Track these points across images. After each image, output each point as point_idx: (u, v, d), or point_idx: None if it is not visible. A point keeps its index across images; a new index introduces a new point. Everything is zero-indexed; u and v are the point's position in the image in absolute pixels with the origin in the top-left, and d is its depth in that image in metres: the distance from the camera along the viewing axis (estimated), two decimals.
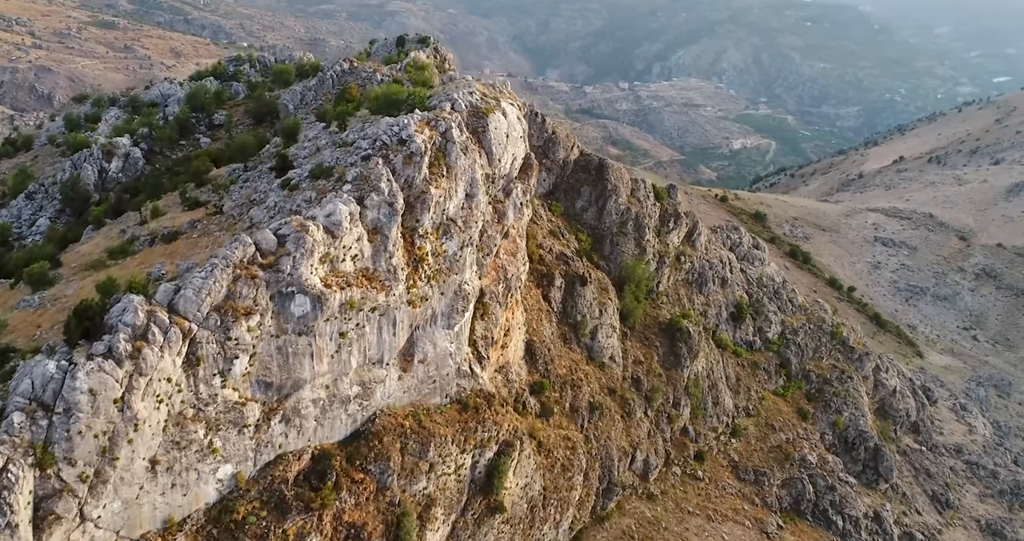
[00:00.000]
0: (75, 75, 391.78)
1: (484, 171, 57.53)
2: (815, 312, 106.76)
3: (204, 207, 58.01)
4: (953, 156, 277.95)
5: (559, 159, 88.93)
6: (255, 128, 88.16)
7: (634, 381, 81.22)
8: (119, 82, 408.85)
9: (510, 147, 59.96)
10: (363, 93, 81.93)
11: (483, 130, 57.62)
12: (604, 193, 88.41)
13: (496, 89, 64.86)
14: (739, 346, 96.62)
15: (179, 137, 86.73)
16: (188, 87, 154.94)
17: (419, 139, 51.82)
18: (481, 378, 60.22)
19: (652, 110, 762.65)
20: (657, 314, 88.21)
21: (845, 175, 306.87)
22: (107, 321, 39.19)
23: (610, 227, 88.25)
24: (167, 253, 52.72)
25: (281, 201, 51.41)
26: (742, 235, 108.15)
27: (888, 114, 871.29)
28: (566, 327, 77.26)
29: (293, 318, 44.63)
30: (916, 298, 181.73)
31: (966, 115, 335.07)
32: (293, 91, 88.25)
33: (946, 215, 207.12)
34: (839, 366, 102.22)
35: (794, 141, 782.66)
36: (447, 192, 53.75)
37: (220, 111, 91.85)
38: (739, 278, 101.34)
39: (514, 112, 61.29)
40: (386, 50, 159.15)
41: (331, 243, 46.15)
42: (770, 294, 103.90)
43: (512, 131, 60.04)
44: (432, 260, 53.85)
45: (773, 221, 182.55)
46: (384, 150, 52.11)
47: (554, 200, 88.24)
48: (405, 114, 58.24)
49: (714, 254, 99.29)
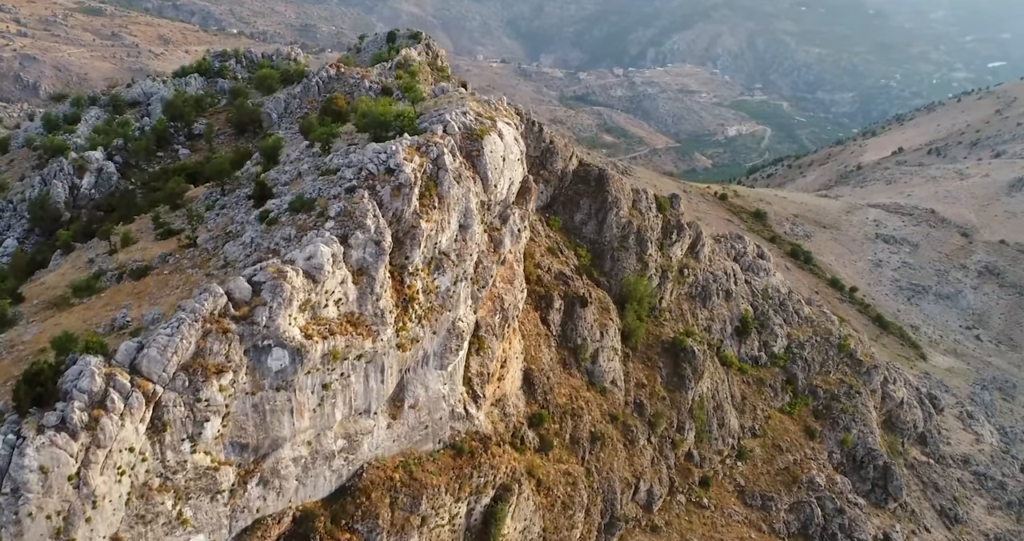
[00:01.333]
0: (61, 64, 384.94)
1: (479, 198, 53.39)
2: (822, 323, 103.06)
3: (177, 237, 53.76)
4: (953, 148, 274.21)
5: (557, 170, 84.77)
6: (237, 138, 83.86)
7: (637, 406, 77.48)
8: (106, 71, 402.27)
9: (507, 171, 55.80)
10: (350, 103, 77.67)
11: (478, 154, 53.44)
12: (604, 206, 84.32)
13: (491, 106, 60.58)
14: (744, 362, 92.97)
15: (156, 148, 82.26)
16: (172, 85, 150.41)
17: (408, 168, 47.63)
18: (477, 419, 56.32)
19: (647, 96, 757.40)
20: (660, 332, 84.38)
21: (843, 166, 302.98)
22: (61, 385, 35.25)
23: (611, 241, 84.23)
24: (135, 292, 48.51)
25: (258, 236, 47.18)
26: (746, 244, 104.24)
27: (883, 100, 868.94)
28: (566, 351, 73.39)
29: (270, 373, 40.70)
30: (918, 297, 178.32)
31: (965, 105, 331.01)
32: (277, 99, 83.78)
33: (948, 211, 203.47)
34: (847, 380, 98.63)
35: (789, 127, 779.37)
36: (439, 224, 49.65)
37: (200, 119, 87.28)
38: (744, 290, 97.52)
39: (511, 132, 57.05)
40: (376, 46, 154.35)
41: (312, 288, 42.11)
42: (776, 306, 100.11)
43: (509, 153, 55.85)
44: (423, 298, 49.82)
45: (774, 219, 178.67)
46: (370, 180, 47.93)
47: (552, 213, 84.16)
48: (394, 138, 54.14)
49: (718, 265, 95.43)
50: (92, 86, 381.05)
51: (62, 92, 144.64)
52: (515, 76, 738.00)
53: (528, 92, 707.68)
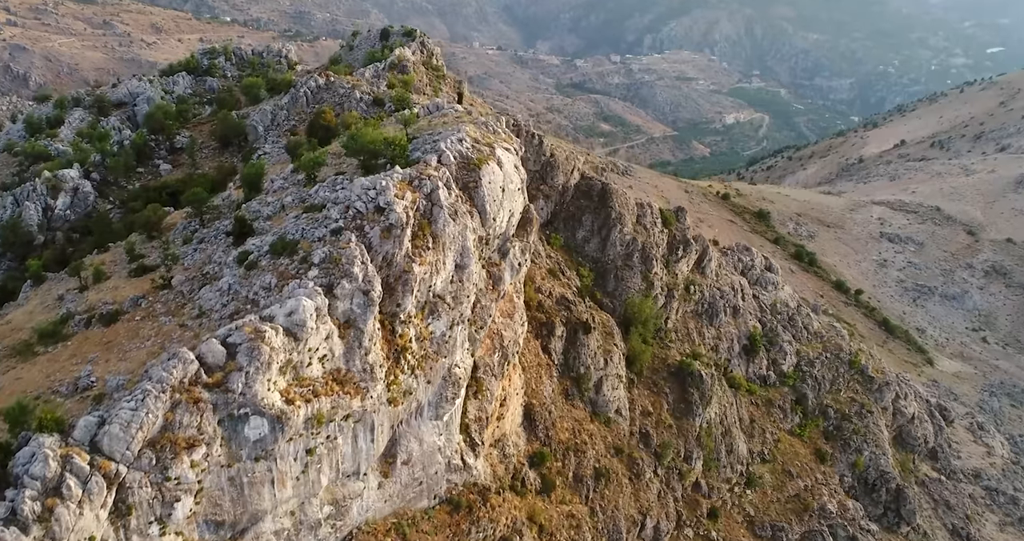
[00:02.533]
0: (51, 54, 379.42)
1: (476, 234, 49.40)
2: (832, 339, 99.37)
3: (151, 277, 49.76)
4: (957, 141, 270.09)
5: (558, 184, 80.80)
6: (221, 152, 79.78)
7: (642, 436, 73.82)
8: (97, 61, 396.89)
9: (506, 203, 51.80)
10: (340, 117, 73.59)
11: (475, 185, 49.41)
12: (608, 222, 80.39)
13: (489, 128, 56.44)
14: (752, 382, 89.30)
15: (136, 163, 78.09)
16: (159, 85, 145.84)
17: (399, 207, 43.62)
18: (475, 469, 52.59)
19: (644, 84, 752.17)
20: (666, 355, 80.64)
21: (845, 159, 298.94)
22: (12, 469, 31.41)
23: (614, 260, 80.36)
24: (103, 342, 44.57)
25: (236, 283, 43.20)
26: (754, 256, 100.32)
27: (881, 86, 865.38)
28: (568, 381, 69.62)
29: (248, 443, 36.84)
30: (924, 298, 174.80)
31: (968, 96, 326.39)
32: (263, 111, 79.54)
33: (953, 208, 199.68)
34: (858, 399, 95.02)
35: (787, 115, 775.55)
36: (434, 266, 45.70)
37: (183, 131, 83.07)
38: (752, 305, 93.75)
39: (510, 160, 52.99)
40: (369, 43, 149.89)
41: (293, 347, 38.22)
42: (784, 322, 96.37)
43: (509, 183, 51.83)
44: (416, 346, 45.93)
45: (777, 219, 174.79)
46: (358, 220, 43.91)
47: (553, 230, 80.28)
48: (384, 166, 50.14)
49: (725, 280, 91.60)
50: (83, 76, 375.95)
51: (45, 92, 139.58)
52: (511, 64, 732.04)
53: (524, 80, 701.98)
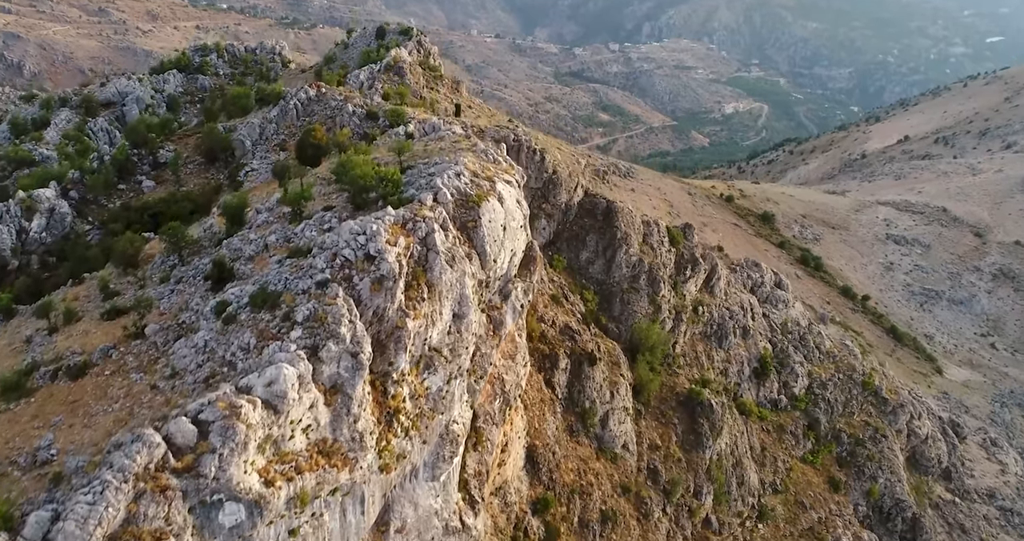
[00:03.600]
0: (46, 42, 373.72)
1: (476, 278, 45.30)
2: (844, 359, 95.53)
3: (124, 320, 45.62)
4: (961, 137, 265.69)
5: (561, 203, 76.64)
6: (207, 168, 75.48)
7: (651, 472, 69.96)
8: (92, 49, 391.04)
9: (508, 242, 47.67)
10: (331, 134, 69.37)
11: (474, 225, 45.26)
12: (613, 242, 76.33)
13: (489, 157, 52.21)
14: (763, 407, 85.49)
15: (118, 180, 73.69)
16: (149, 83, 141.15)
17: (391, 256, 39.50)
18: (474, 529, 48.68)
19: (643, 73, 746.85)
20: (674, 383, 76.74)
21: (847, 154, 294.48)
22: None
23: (620, 282, 76.35)
24: (69, 402, 40.48)
25: (213, 339, 39.12)
26: (763, 272, 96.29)
27: (880, 76, 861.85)
28: (572, 417, 65.71)
29: (223, 530, 32.75)
30: (931, 303, 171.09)
31: (972, 90, 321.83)
32: (251, 124, 75.13)
33: (960, 209, 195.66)
34: (872, 423, 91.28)
35: (786, 104, 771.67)
36: (429, 318, 41.61)
37: (167, 145, 78.66)
38: (762, 325, 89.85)
39: (512, 194, 48.81)
40: (364, 41, 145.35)
41: (273, 421, 34.16)
42: (796, 342, 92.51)
43: (510, 221, 47.69)
44: (411, 405, 41.91)
45: (781, 221, 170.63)
46: (346, 269, 39.78)
47: (556, 251, 76.20)
48: (376, 202, 46.05)
49: (734, 299, 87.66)
50: (78, 65, 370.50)
51: (30, 92, 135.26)
52: (509, 52, 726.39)
53: (523, 68, 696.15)
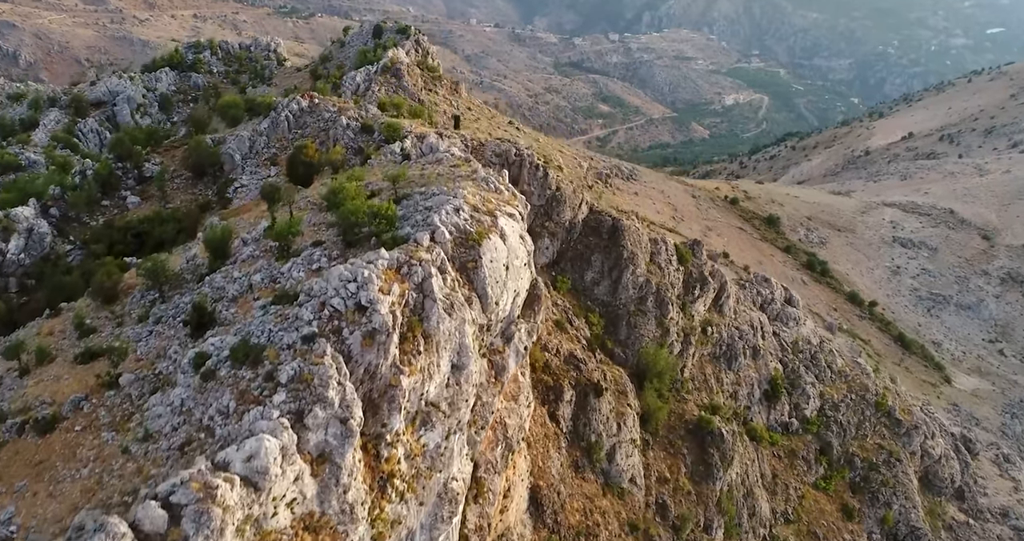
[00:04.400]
0: (41, 32, 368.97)
1: (477, 323, 41.61)
2: (856, 378, 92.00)
3: (99, 366, 41.92)
4: (967, 135, 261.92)
5: (564, 221, 72.83)
6: (194, 183, 71.57)
7: (659, 507, 66.41)
8: (88, 39, 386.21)
9: (511, 282, 43.94)
10: (324, 152, 65.58)
11: (474, 266, 41.49)
12: (619, 262, 72.59)
13: (491, 186, 48.40)
14: (774, 431, 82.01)
15: (101, 195, 69.76)
16: (140, 82, 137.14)
17: (384, 307, 35.73)
18: None
19: (643, 63, 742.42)
20: (683, 410, 73.15)
21: (850, 150, 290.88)
22: None
23: (626, 304, 72.65)
24: (35, 463, 36.77)
25: (190, 398, 35.34)
26: (773, 288, 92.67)
27: (881, 67, 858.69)
28: (578, 451, 62.10)
29: None
30: (939, 308, 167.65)
31: (977, 86, 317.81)
32: (240, 137, 71.11)
33: (967, 211, 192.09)
34: (886, 446, 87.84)
35: (786, 96, 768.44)
36: (426, 372, 37.88)
37: (154, 157, 74.62)
38: (772, 345, 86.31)
39: (515, 229, 45.03)
40: (361, 40, 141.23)
41: (254, 499, 30.43)
42: (807, 361, 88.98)
43: (514, 259, 43.94)
44: (406, 466, 38.27)
45: (787, 224, 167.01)
46: (335, 322, 35.98)
47: (560, 271, 72.46)
48: (369, 239, 42.32)
49: (743, 318, 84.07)
50: (74, 54, 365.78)
51: (19, 91, 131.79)
52: (508, 41, 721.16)
53: (522, 59, 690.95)
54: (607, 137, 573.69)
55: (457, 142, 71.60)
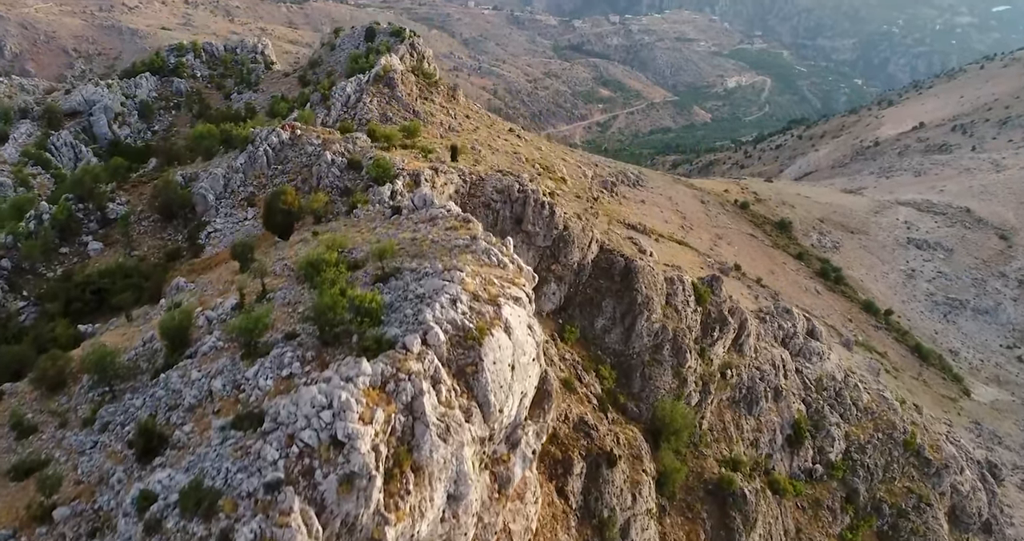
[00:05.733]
0: (27, 21, 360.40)
1: (478, 437, 35.61)
2: (883, 415, 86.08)
3: (32, 490, 36.02)
4: (980, 126, 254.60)
5: (573, 263, 66.68)
6: (163, 226, 65.32)
7: None
8: (75, 28, 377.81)
9: (517, 384, 37.84)
10: (305, 197, 59.37)
11: (475, 370, 35.36)
12: (632, 308, 66.49)
13: (493, 259, 42.11)
14: (797, 479, 76.24)
15: (59, 241, 63.52)
16: (119, 88, 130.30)
17: (365, 443, 29.57)
18: None
19: (644, 46, 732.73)
20: (701, 467, 67.33)
21: (859, 140, 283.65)
22: None
23: (641, 354, 66.65)
24: None
25: None
26: (795, 320, 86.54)
27: (885, 47, 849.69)
28: (589, 530, 56.28)
29: None
30: (955, 313, 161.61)
31: (990, 73, 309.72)
32: (214, 176, 64.65)
33: (984, 209, 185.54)
34: (915, 489, 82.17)
35: (789, 78, 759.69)
36: (417, 511, 31.90)
37: (119, 195, 68.20)
38: (795, 384, 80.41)
39: (522, 317, 38.83)
40: (353, 43, 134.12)
41: None
42: (831, 399, 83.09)
43: (520, 356, 37.82)
44: None
45: (799, 229, 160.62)
46: (306, 460, 29.80)
47: (567, 318, 66.42)
48: (350, 332, 36.16)
49: (764, 356, 78.12)
50: (61, 45, 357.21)
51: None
52: (507, 25, 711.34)
53: (521, 42, 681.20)
54: (607, 122, 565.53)
55: (455, 178, 65.39)
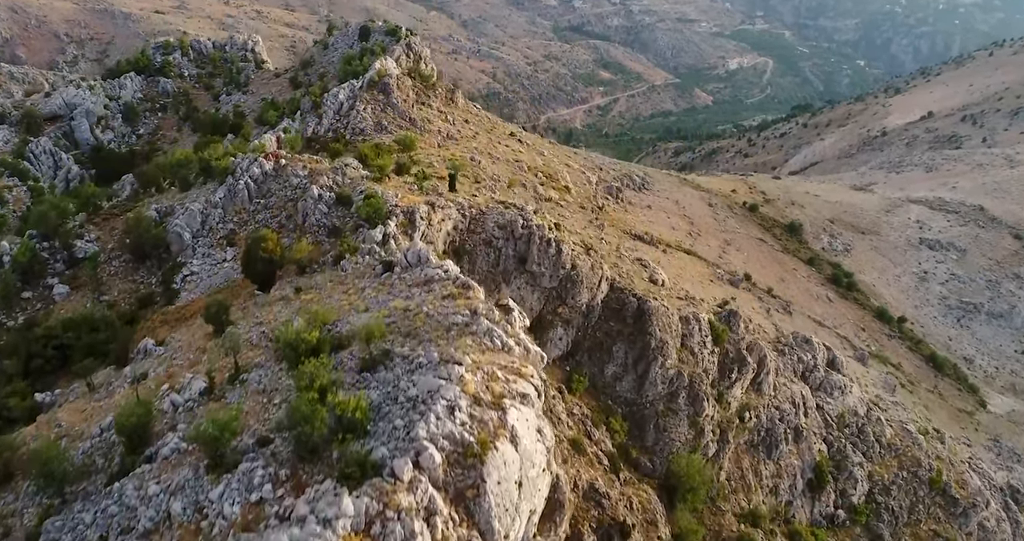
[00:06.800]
0: (17, 5, 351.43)
1: None
2: (908, 451, 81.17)
3: None
4: (991, 116, 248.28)
5: (581, 304, 61.38)
6: (136, 267, 59.84)
7: None
8: (67, 12, 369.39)
9: (525, 502, 32.59)
10: (289, 240, 53.97)
11: (476, 494, 30.11)
12: (645, 353, 61.31)
13: (496, 343, 36.75)
14: (818, 526, 71.40)
15: (22, 285, 58.04)
16: (102, 90, 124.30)
17: None
18: None
19: (645, 27, 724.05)
20: (720, 524, 62.39)
21: (866, 130, 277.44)
22: None
23: (654, 403, 61.55)
24: None
25: None
26: (816, 351, 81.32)
27: (887, 27, 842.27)
28: None
29: None
30: (969, 318, 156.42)
31: (999, 60, 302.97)
32: (190, 212, 58.98)
33: (998, 208, 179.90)
34: (942, 532, 77.43)
35: (791, 59, 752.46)
36: None
37: (88, 229, 62.58)
38: (816, 422, 75.41)
39: (530, 420, 33.50)
40: (347, 42, 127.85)
41: None
42: (854, 436, 78.13)
43: (529, 469, 32.57)
44: None
45: (809, 231, 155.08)
46: None
47: (576, 365, 61.23)
48: (328, 456, 30.90)
49: (784, 394, 73.07)
50: (53, 29, 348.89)
51: None
52: (507, 5, 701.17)
53: (521, 23, 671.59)
54: (608, 106, 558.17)
55: (453, 213, 59.96)
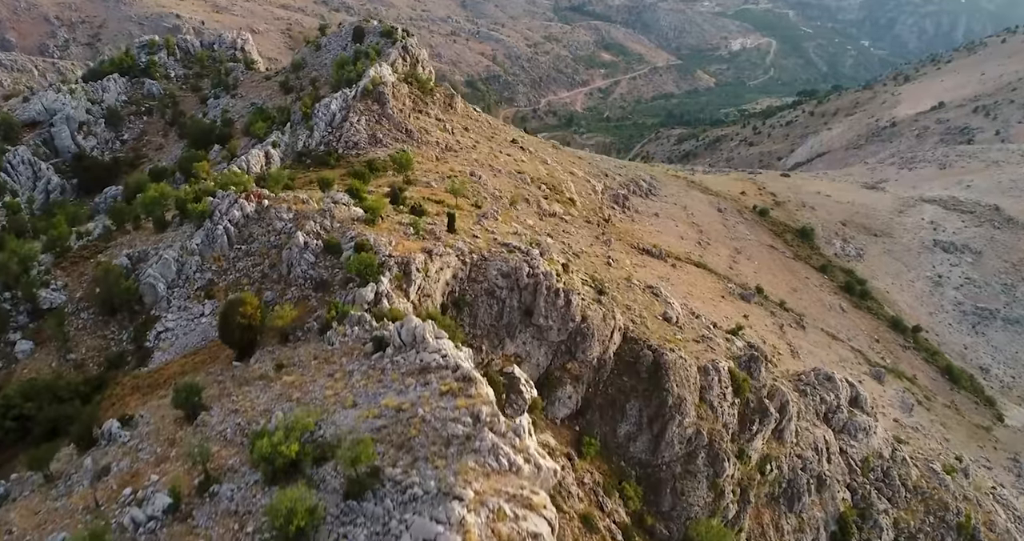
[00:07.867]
0: None
1: None
2: (934, 493, 76.61)
3: None
4: (1004, 107, 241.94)
5: (591, 359, 56.49)
6: (106, 322, 54.76)
7: None
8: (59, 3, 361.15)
9: None
10: (270, 291, 49.06)
11: None
12: (662, 411, 56.49)
13: (502, 463, 31.70)
14: None
15: None
16: (83, 93, 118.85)
17: None
18: None
19: (647, 7, 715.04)
20: None
21: (874, 120, 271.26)
22: None
23: (671, 464, 56.84)
24: None
25: None
26: (838, 389, 76.42)
27: (892, 6, 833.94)
28: None
29: None
30: (984, 324, 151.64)
31: (1012, 48, 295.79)
32: (165, 261, 53.73)
33: (1013, 207, 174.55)
34: None
35: (795, 40, 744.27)
36: None
37: (55, 275, 57.43)
38: (839, 468, 70.79)
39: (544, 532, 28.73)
40: (340, 43, 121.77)
41: None
42: (879, 481, 73.55)
43: None
44: None
45: (821, 236, 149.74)
46: None
47: (585, 424, 56.41)
48: None
49: (806, 440, 68.37)
50: (43, 13, 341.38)
51: None
52: None
53: (520, 3, 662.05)
54: (609, 88, 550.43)
55: (452, 260, 54.92)
